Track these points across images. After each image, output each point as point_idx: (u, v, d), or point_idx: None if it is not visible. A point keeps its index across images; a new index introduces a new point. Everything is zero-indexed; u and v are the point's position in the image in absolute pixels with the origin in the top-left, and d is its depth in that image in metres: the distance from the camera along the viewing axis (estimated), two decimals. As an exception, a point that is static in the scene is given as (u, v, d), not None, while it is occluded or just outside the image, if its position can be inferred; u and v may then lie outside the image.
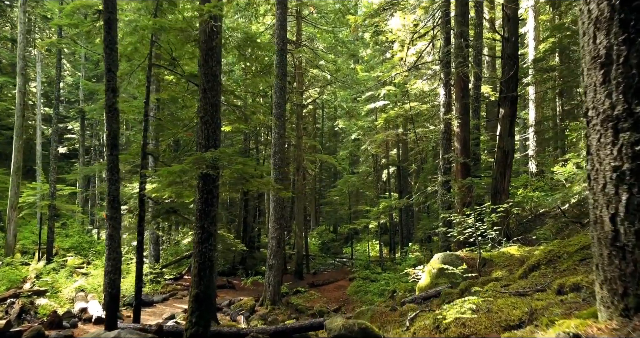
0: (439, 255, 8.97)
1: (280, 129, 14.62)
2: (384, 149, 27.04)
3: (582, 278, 3.47)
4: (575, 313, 2.64)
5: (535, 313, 3.14)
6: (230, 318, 13.11)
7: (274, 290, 14.36)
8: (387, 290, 16.27)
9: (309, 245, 32.29)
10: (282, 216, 14.79)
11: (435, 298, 7.82)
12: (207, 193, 7.01)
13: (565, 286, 3.53)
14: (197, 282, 6.83)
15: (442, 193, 13.05)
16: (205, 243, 6.93)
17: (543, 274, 5.16)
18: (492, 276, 7.56)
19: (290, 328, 8.32)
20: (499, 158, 12.56)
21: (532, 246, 9.71)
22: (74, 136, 36.43)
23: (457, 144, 13.00)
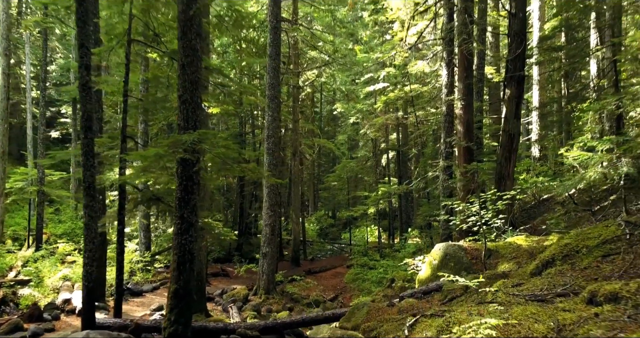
0: (440, 245, 8.38)
1: (274, 112, 13.92)
2: (384, 133, 26.33)
3: (621, 286, 2.86)
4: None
5: (564, 330, 2.54)
6: (222, 308, 12.61)
7: (268, 279, 13.85)
8: (385, 278, 15.76)
9: (307, 230, 31.84)
10: (277, 202, 14.19)
11: (437, 292, 7.25)
12: (187, 180, 6.37)
13: (598, 294, 2.92)
14: (176, 277, 6.23)
15: (444, 179, 12.42)
16: (185, 234, 6.32)
17: (560, 272, 4.55)
18: (499, 270, 6.98)
19: (280, 324, 7.78)
20: (504, 142, 11.89)
21: (541, 236, 9.12)
22: (67, 120, 35.65)
23: (459, 127, 12.32)
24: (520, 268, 6.36)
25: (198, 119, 6.56)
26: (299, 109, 23.20)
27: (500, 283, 4.74)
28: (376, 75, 22.73)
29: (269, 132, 13.94)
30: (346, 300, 15.30)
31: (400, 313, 6.48)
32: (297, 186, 21.61)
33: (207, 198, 11.15)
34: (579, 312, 2.79)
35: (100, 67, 11.79)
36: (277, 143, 14.08)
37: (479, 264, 7.63)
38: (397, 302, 7.19)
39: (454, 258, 7.84)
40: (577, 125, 20.31)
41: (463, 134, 12.14)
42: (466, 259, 7.76)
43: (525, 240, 7.93)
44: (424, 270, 8.52)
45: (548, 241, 7.41)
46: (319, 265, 21.12)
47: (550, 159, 24.91)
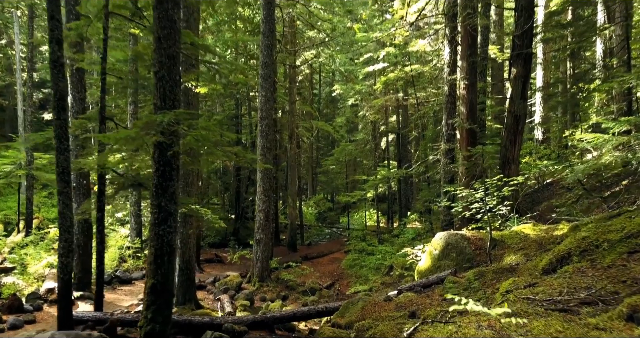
0: (441, 234, 7.84)
1: (268, 92, 13.26)
2: (383, 116, 25.63)
3: (674, 302, 2.32)
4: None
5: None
6: (214, 297, 12.17)
7: (262, 266, 13.39)
8: (383, 265, 15.33)
9: (305, 214, 31.41)
10: (271, 187, 13.64)
11: (438, 285, 6.75)
12: (164, 165, 5.79)
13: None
14: (154, 271, 5.70)
15: (445, 163, 11.85)
16: (162, 224, 5.76)
17: (579, 271, 4.00)
18: (505, 262, 6.45)
19: (270, 318, 7.29)
20: (509, 124, 11.28)
21: (549, 224, 8.59)
22: (60, 102, 34.88)
23: (462, 108, 11.69)
24: (529, 262, 5.83)
25: (177, 98, 5.94)
26: (296, 90, 22.48)
27: (510, 283, 4.20)
28: (375, 55, 21.93)
29: (263, 113, 13.30)
30: (343, 287, 14.88)
31: (397, 309, 5.98)
32: (294, 169, 21.03)
33: (195, 184, 10.58)
34: (618, 333, 2.25)
35: (81, 43, 11.09)
36: (271, 125, 13.45)
37: (483, 255, 7.11)
38: (395, 296, 6.69)
39: (456, 248, 7.32)
40: (584, 107, 19.65)
41: (466, 115, 11.52)
42: (469, 249, 7.24)
43: (533, 229, 7.39)
44: (423, 260, 8.00)
45: (558, 230, 6.87)
46: (316, 250, 20.69)
47: (554, 142, 24.32)
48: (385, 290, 12.70)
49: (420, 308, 5.74)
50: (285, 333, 7.39)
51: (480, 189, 7.65)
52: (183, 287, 10.35)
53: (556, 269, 4.54)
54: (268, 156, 13.32)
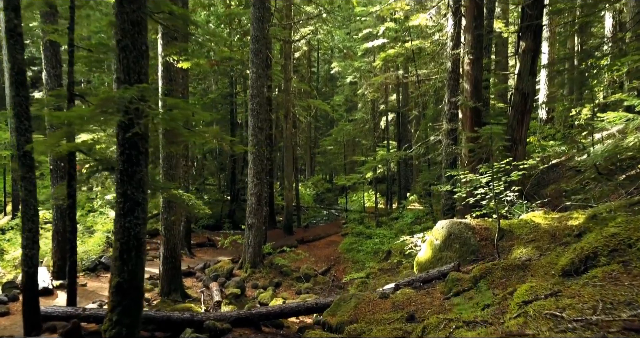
0: (443, 222, 7.19)
1: (259, 68, 12.43)
2: (383, 94, 24.75)
3: None
4: None
5: None
6: (203, 284, 11.60)
7: (254, 251, 12.81)
8: (381, 250, 14.77)
9: (303, 195, 30.81)
10: (263, 169, 12.94)
11: (439, 280, 6.12)
12: (129, 148, 5.08)
13: None
14: (119, 268, 5.05)
15: (447, 144, 11.12)
16: (129, 215, 5.09)
17: (611, 277, 3.34)
18: (514, 255, 5.80)
19: (256, 314, 6.69)
20: (517, 102, 10.52)
21: (560, 211, 7.93)
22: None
23: (466, 85, 10.90)
24: (543, 257, 5.17)
25: (143, 72, 5.18)
26: (291, 67, 21.56)
27: (527, 289, 3.53)
28: (375, 30, 20.95)
29: (254, 91, 12.50)
30: (339, 273, 14.34)
31: (394, 309, 5.36)
32: (290, 150, 20.29)
33: (180, 166, 9.89)
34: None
35: (55, 13, 10.22)
36: (262, 104, 12.66)
37: (489, 246, 6.46)
38: (392, 292, 6.06)
39: (460, 238, 6.67)
40: (592, 84, 18.80)
41: (470, 93, 10.74)
42: (474, 240, 6.59)
43: (544, 218, 6.73)
44: (424, 250, 7.36)
45: (573, 219, 6.20)
46: (312, 233, 20.13)
47: (559, 122, 23.51)
48: (382, 277, 12.15)
49: (420, 309, 5.12)
50: (273, 330, 6.81)
51: (486, 173, 6.95)
52: (168, 276, 9.78)
53: (579, 271, 3.87)
54: (260, 137, 12.59)
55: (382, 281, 11.35)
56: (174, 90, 9.52)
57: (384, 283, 11.24)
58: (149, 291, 10.00)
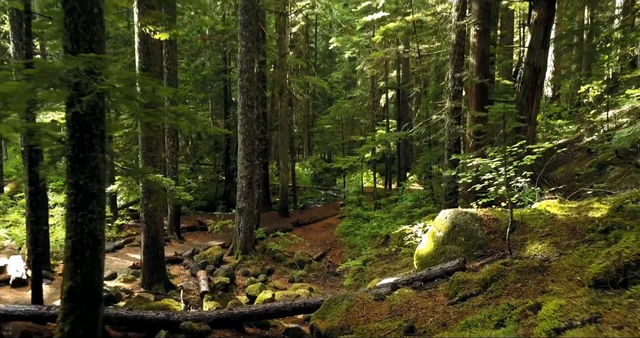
0: (446, 212, 6.46)
1: (248, 42, 11.52)
2: (382, 70, 23.75)
3: None
4: None
5: None
6: (191, 272, 10.99)
7: (246, 237, 12.16)
8: (379, 234, 14.14)
9: (301, 175, 30.11)
10: (254, 150, 12.17)
11: (442, 279, 5.43)
12: (81, 130, 4.31)
13: None
14: (72, 270, 4.35)
15: (450, 124, 10.31)
16: (82, 209, 4.36)
17: (666, 297, 2.63)
18: (528, 252, 5.09)
19: (238, 315, 6.03)
20: (527, 77, 9.69)
21: (573, 197, 7.22)
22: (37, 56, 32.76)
23: (472, 59, 10.04)
24: (564, 257, 4.46)
25: (96, 40, 4.36)
26: (287, 42, 20.54)
27: (555, 310, 2.83)
28: (375, 3, 19.87)
29: (243, 66, 11.63)
30: (335, 258, 13.75)
31: (391, 315, 4.68)
32: (285, 129, 19.46)
33: (160, 148, 9.12)
34: None
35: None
36: (252, 80, 11.80)
37: (499, 240, 5.75)
38: (389, 293, 5.38)
39: (465, 231, 5.96)
40: (603, 59, 17.85)
41: (476, 68, 9.89)
42: (481, 233, 5.87)
43: (560, 207, 6.00)
44: (425, 242, 6.66)
45: (594, 210, 5.48)
46: (308, 216, 19.49)
47: (564, 99, 22.59)
48: (380, 264, 11.53)
49: (421, 316, 4.44)
50: (257, 331, 6.19)
51: (496, 157, 6.19)
52: (150, 266, 9.13)
53: (616, 283, 3.16)
54: (250, 116, 11.78)
55: (380, 270, 10.74)
56: (152, 65, 8.67)
57: (381, 272, 10.64)
58: (130, 282, 9.37)
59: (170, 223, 14.23)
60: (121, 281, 9.33)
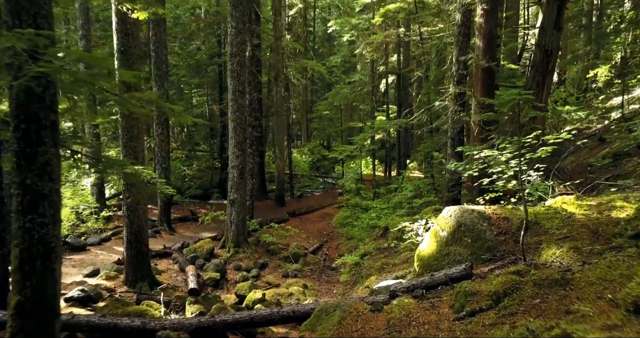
0: (451, 209, 5.86)
1: (239, 23, 10.80)
2: (382, 54, 22.96)
3: None
4: None
5: None
6: (179, 267, 10.45)
7: (238, 229, 11.60)
8: (378, 226, 13.60)
9: (299, 163, 29.47)
10: (245, 138, 11.52)
11: (446, 287, 4.85)
12: (27, 121, 3.68)
13: None
14: (20, 283, 3.77)
15: (454, 110, 9.65)
16: (30, 212, 3.76)
17: None
18: (545, 258, 4.50)
19: (221, 323, 5.47)
20: (537, 61, 9.01)
21: (590, 192, 6.61)
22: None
23: (478, 41, 9.33)
24: (589, 268, 3.86)
25: (43, 14, 3.70)
26: (283, 24, 19.75)
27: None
28: (375, -17, 19.02)
29: (233, 49, 10.93)
30: (332, 251, 13.21)
31: (389, 331, 4.12)
32: (281, 116, 18.76)
33: (141, 138, 8.48)
34: None
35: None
36: (243, 64, 11.10)
37: (510, 242, 5.16)
38: (386, 303, 4.81)
39: (472, 231, 5.36)
40: (616, 40, 17.08)
41: (483, 50, 9.19)
42: (490, 234, 5.28)
43: (578, 205, 5.39)
44: (427, 242, 6.07)
45: (617, 209, 4.87)
46: (306, 205, 18.93)
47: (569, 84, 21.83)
48: (378, 258, 10.97)
49: (423, 334, 3.87)
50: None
51: (506, 149, 5.57)
52: (133, 263, 8.57)
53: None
54: (241, 102, 11.11)
55: (378, 264, 10.20)
56: (131, 46, 7.99)
57: (379, 267, 10.09)
58: (113, 279, 8.83)
59: (161, 214, 13.66)
60: (103, 278, 8.78)
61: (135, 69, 8.15)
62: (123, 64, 8.01)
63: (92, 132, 13.06)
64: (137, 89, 7.94)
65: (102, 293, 7.90)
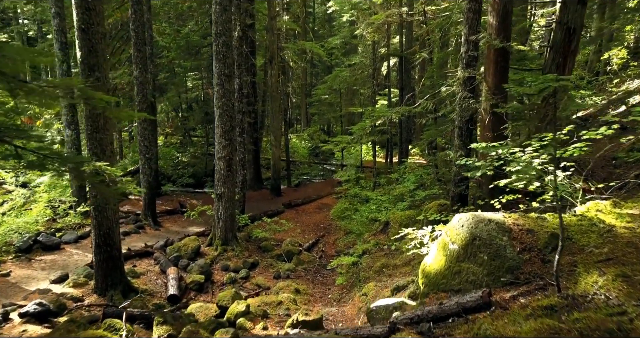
0: (463, 218, 4.91)
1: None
2: (384, 36, 21.73)
3: None
4: None
5: None
6: (161, 268, 9.57)
7: (226, 225, 10.70)
8: (378, 219, 12.69)
9: (298, 148, 28.52)
10: (233, 127, 10.53)
11: (458, 319, 3.92)
12: None
13: None
14: None
15: (463, 97, 8.62)
16: None
17: None
18: (584, 289, 3.58)
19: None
20: (558, 40, 7.95)
21: (632, 197, 5.64)
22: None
23: (491, 18, 8.25)
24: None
25: None
26: (278, 3, 18.55)
27: None
28: (376, -43, 17.75)
29: (218, 28, 9.87)
30: (328, 247, 12.34)
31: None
32: (276, 100, 17.71)
33: (109, 129, 7.50)
34: None
35: None
36: (229, 45, 10.04)
37: (536, 262, 4.22)
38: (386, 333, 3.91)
39: (489, 246, 4.43)
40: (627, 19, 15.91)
41: (497, 28, 8.11)
42: (511, 251, 4.34)
43: (617, 214, 4.45)
44: (434, 254, 5.14)
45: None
46: (303, 194, 18.04)
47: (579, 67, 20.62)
48: (377, 258, 10.09)
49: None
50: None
51: (529, 148, 4.61)
52: (103, 269, 7.68)
53: None
54: (227, 86, 10.10)
55: (378, 265, 9.30)
56: (94, 24, 6.96)
57: (379, 268, 9.19)
58: (81, 286, 7.95)
59: (145, 207, 12.76)
60: (70, 285, 7.90)
61: (100, 50, 7.14)
62: (84, 44, 7.00)
63: (69, 121, 12.02)
64: (99, 71, 6.95)
65: (66, 304, 7.03)
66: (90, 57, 7.09)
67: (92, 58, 7.10)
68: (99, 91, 7.07)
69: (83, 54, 7.08)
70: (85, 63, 7.11)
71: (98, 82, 7.15)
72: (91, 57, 7.09)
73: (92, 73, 7.12)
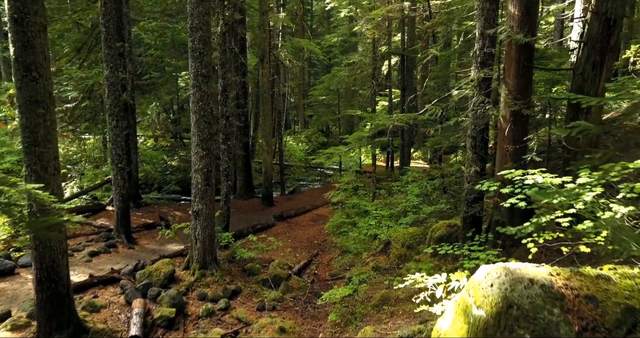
0: (492, 271, 3.58)
1: (199, -13, 8.39)
2: (385, 33, 20.40)
3: None
4: None
5: None
6: (126, 299, 8.27)
7: (204, 247, 9.40)
8: (378, 237, 11.40)
9: (295, 151, 27.28)
10: (211, 135, 9.22)
11: None
12: None
13: None
14: None
15: (477, 102, 7.31)
16: None
17: None
18: None
19: None
20: (594, 34, 6.65)
21: None
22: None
23: (512, 7, 6.94)
24: None
25: None
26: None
27: None
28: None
29: (194, 22, 8.57)
30: (322, 268, 11.05)
31: None
32: (267, 102, 16.39)
33: (53, 141, 6.19)
34: None
35: None
36: (206, 40, 8.72)
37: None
38: None
39: (534, 321, 3.13)
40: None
41: (520, 20, 6.80)
42: (567, 330, 3.03)
43: None
44: (450, 319, 3.82)
45: None
46: (297, 204, 16.72)
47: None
48: (377, 286, 8.77)
49: None
50: None
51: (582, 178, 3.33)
52: (46, 310, 6.38)
53: None
54: (205, 88, 8.80)
55: (377, 298, 7.96)
56: (29, 13, 5.67)
57: (379, 302, 7.87)
58: (22, 330, 6.65)
59: (117, 223, 11.46)
60: (8, 328, 6.60)
61: (38, 45, 5.85)
62: (18, 37, 5.72)
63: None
64: (37, 70, 5.66)
65: (-4, 357, 5.75)
66: (26, 54, 5.80)
67: (28, 55, 5.81)
68: (37, 94, 5.80)
69: (17, 49, 5.79)
70: (19, 61, 5.82)
71: (36, 84, 5.86)
72: (27, 54, 5.80)
73: (28, 73, 5.83)
